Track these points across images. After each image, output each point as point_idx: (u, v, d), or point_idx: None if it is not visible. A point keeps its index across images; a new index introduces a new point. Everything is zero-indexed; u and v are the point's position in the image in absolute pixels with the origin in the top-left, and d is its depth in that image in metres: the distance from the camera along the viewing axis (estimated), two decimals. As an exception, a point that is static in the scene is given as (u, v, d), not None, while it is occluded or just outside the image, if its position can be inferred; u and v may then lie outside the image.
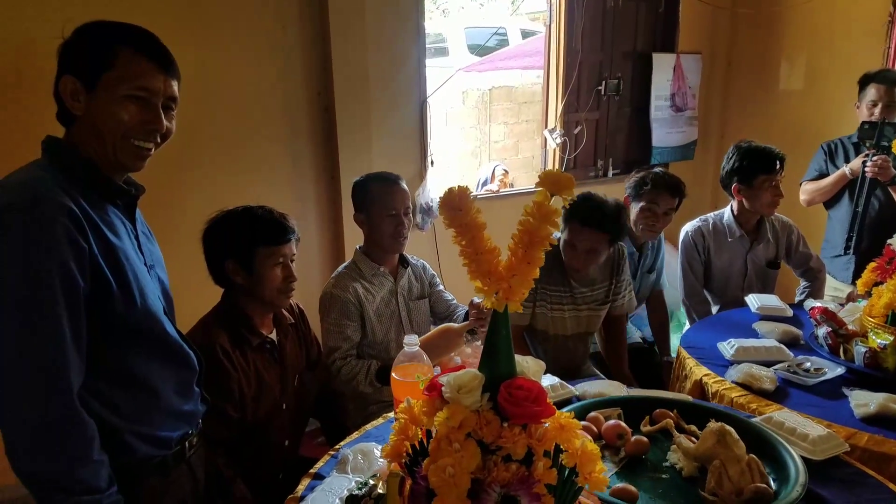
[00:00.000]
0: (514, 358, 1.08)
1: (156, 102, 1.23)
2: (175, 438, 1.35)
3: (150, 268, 1.33)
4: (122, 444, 1.24)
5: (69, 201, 1.13)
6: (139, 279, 1.24)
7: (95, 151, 1.21)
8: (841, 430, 1.60)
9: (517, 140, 6.05)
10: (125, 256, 1.22)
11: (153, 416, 1.29)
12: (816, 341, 2.05)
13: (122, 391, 1.24)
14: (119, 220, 1.26)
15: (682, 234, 2.83)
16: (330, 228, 3.15)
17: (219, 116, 2.72)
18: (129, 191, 1.29)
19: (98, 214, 1.19)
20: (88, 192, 1.20)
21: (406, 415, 1.12)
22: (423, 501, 1.01)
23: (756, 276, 2.77)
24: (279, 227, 1.81)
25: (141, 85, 1.21)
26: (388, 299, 2.26)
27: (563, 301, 2.37)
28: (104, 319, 1.19)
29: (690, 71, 4.46)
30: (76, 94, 1.19)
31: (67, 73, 1.18)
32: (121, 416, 1.23)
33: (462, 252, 1.05)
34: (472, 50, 6.49)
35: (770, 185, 2.62)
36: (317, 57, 2.92)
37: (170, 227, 2.48)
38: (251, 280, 1.79)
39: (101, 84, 1.18)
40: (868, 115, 2.79)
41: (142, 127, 1.22)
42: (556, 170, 1.06)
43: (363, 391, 2.09)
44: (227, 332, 1.77)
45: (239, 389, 1.74)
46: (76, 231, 1.12)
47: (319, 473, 1.46)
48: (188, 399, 1.39)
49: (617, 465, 1.47)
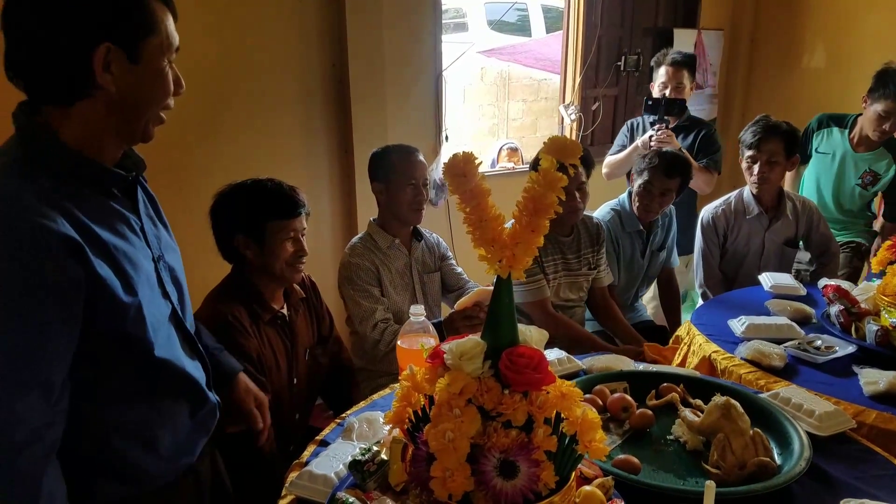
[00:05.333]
0: (516, 326, 1.08)
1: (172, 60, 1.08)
2: (194, 458, 1.25)
3: (159, 259, 1.17)
4: (136, 471, 1.13)
5: (58, 218, 0.95)
6: (144, 286, 1.09)
7: (96, 133, 1.03)
8: (849, 407, 1.59)
9: (535, 118, 6.00)
10: (129, 260, 1.07)
11: (166, 438, 1.17)
12: (828, 319, 2.03)
13: (135, 413, 1.12)
14: (117, 213, 1.09)
15: (701, 218, 2.80)
16: (343, 203, 3.15)
17: (233, 88, 2.72)
18: (126, 176, 1.10)
19: (95, 219, 1.02)
20: (79, 189, 1.02)
21: (409, 381, 1.13)
22: (423, 466, 1.02)
23: (773, 255, 2.74)
24: (290, 201, 1.80)
25: (172, 43, 1.06)
26: (404, 271, 2.28)
27: (557, 269, 2.43)
28: (105, 343, 1.05)
29: (712, 48, 4.39)
30: (110, 65, 0.98)
31: (102, 41, 0.96)
32: (137, 443, 1.13)
33: (466, 219, 1.05)
34: (492, 25, 6.42)
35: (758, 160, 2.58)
36: (331, 28, 2.90)
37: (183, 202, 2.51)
38: (262, 254, 1.78)
39: (146, 52, 1.02)
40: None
41: (177, 90, 1.09)
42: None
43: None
44: (240, 307, 1.77)
45: (258, 355, 1.76)
46: (73, 258, 0.95)
47: (325, 440, 1.47)
48: (201, 408, 1.25)
49: (621, 437, 1.48)
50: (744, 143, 2.62)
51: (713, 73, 4.44)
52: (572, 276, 2.47)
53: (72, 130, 1.01)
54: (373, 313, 2.14)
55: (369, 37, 2.94)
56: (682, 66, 3.09)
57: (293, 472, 1.32)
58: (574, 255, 2.47)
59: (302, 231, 1.84)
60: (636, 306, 2.92)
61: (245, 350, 1.71)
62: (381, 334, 2.12)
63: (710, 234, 2.75)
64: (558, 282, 2.44)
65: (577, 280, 2.49)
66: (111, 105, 1.02)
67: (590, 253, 2.50)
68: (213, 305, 1.78)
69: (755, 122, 2.63)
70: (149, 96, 1.05)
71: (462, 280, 2.42)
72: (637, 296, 2.90)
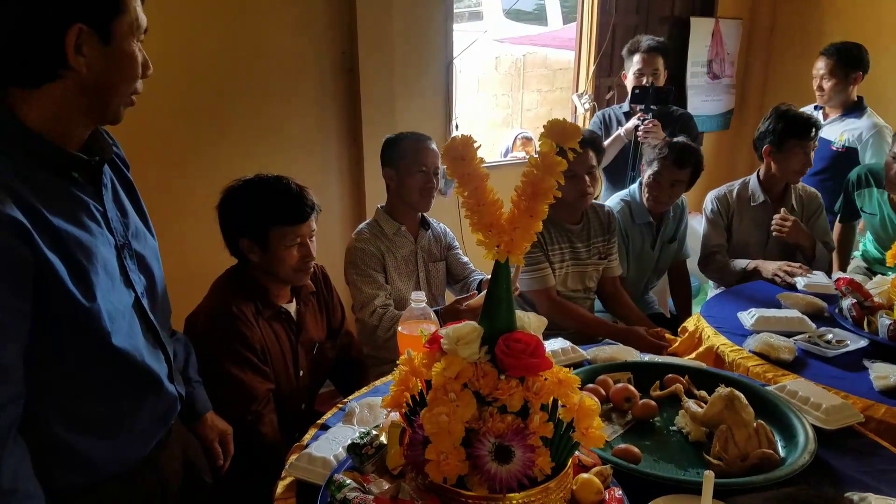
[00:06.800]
0: (514, 312, 1.07)
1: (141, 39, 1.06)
2: (147, 452, 1.20)
3: (124, 247, 1.14)
4: (85, 465, 1.10)
5: (6, 200, 0.92)
6: (98, 275, 1.05)
7: (62, 115, 1.01)
8: (858, 401, 1.56)
9: (550, 108, 5.96)
10: (82, 248, 1.03)
11: (121, 432, 1.14)
12: (841, 313, 2.00)
13: (86, 408, 1.09)
14: (76, 199, 1.05)
15: (706, 202, 2.79)
16: (351, 191, 3.15)
17: (242, 76, 2.72)
18: (88, 160, 1.07)
19: (48, 204, 0.99)
20: (35, 171, 0.99)
21: (406, 366, 1.12)
22: (419, 449, 1.02)
23: (777, 246, 2.69)
24: (296, 206, 1.71)
25: (140, 24, 1.03)
26: (409, 259, 2.28)
27: (564, 258, 2.39)
28: (58, 330, 1.02)
29: (729, 37, 4.33)
30: (82, 47, 0.96)
31: (74, 22, 0.94)
32: (86, 432, 1.09)
33: (464, 203, 1.04)
34: (507, 14, 6.36)
35: (801, 151, 2.56)
36: (341, 15, 2.89)
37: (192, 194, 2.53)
38: (266, 258, 1.73)
39: (117, 32, 0.99)
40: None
41: (144, 72, 1.06)
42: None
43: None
44: (244, 301, 1.74)
45: (262, 346, 1.75)
46: (18, 239, 0.93)
47: (326, 424, 1.48)
48: (160, 402, 1.21)
49: (623, 427, 1.46)
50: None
51: (731, 63, 4.37)
52: (580, 266, 2.43)
53: (35, 112, 0.99)
54: (373, 299, 2.13)
55: (379, 24, 2.92)
56: (657, 52, 3.04)
57: (293, 455, 1.33)
58: (583, 243, 2.42)
59: (310, 234, 1.76)
60: (646, 298, 2.89)
61: (249, 341, 1.70)
62: (380, 320, 2.11)
63: (716, 216, 2.73)
64: (565, 271, 2.40)
65: (586, 270, 2.44)
66: (81, 87, 1.00)
67: (600, 242, 2.46)
68: (218, 296, 1.77)
69: (771, 115, 2.61)
70: (119, 78, 1.03)
71: (467, 270, 2.41)
72: (647, 288, 2.87)
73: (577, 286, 2.44)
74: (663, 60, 3.09)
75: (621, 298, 2.53)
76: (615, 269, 2.53)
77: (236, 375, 1.67)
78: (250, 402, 1.69)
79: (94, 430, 1.10)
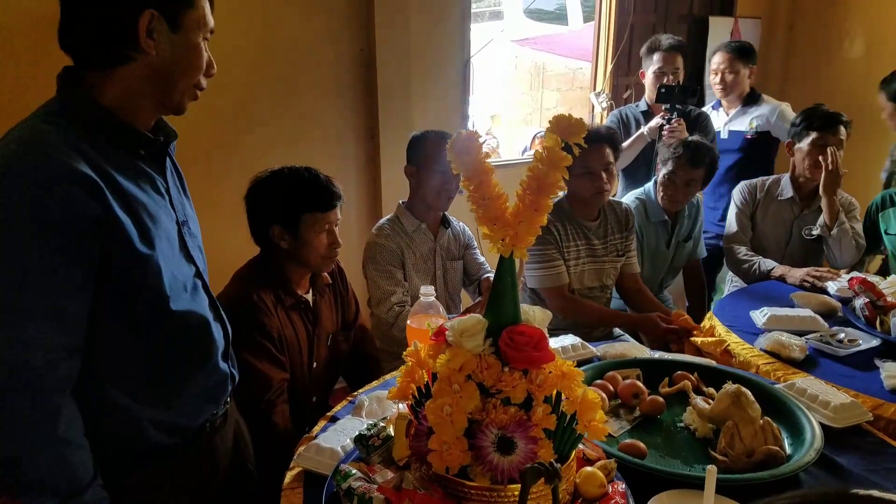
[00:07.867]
0: (518, 305, 1.09)
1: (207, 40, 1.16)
2: (196, 426, 1.23)
3: (184, 223, 1.21)
4: (134, 430, 1.14)
5: (79, 160, 1.00)
6: (162, 240, 1.12)
7: (133, 97, 1.09)
8: (868, 400, 1.56)
9: (570, 107, 5.94)
10: (148, 213, 1.10)
11: (171, 399, 1.18)
12: (853, 312, 1.98)
13: (139, 371, 1.14)
14: (143, 172, 1.13)
15: (734, 191, 2.80)
16: (368, 187, 3.17)
17: (262, 73, 2.74)
18: (155, 140, 1.15)
19: (118, 170, 1.06)
20: (107, 144, 1.07)
21: (413, 358, 1.14)
22: (423, 440, 1.04)
23: (798, 247, 2.67)
24: (327, 194, 1.77)
25: (207, 23, 1.13)
26: (427, 256, 2.29)
27: (580, 255, 2.37)
28: (119, 290, 1.07)
29: (749, 36, 4.28)
30: (153, 32, 1.05)
31: (147, 8, 1.04)
32: (137, 400, 1.13)
33: (470, 197, 1.06)
34: (528, 13, 6.34)
35: (816, 146, 2.53)
36: (359, 13, 2.91)
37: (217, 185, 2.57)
38: (296, 245, 1.77)
39: (186, 23, 1.09)
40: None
41: (208, 70, 1.16)
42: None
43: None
44: (266, 290, 1.77)
45: (279, 335, 1.77)
46: (89, 195, 0.99)
47: (335, 416, 1.50)
48: (212, 375, 1.25)
49: (630, 423, 1.47)
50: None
51: (750, 63, 4.34)
52: (597, 264, 2.41)
53: (111, 92, 1.08)
54: (389, 296, 2.15)
55: (397, 22, 2.94)
56: (678, 51, 3.03)
57: (302, 446, 1.35)
58: (600, 240, 2.40)
59: (336, 222, 1.82)
60: (661, 297, 2.88)
61: (266, 329, 1.73)
62: (396, 318, 2.13)
63: (744, 204, 2.74)
64: (581, 269, 2.40)
65: (603, 267, 2.42)
66: (150, 71, 1.08)
67: (617, 239, 2.44)
68: (239, 285, 1.80)
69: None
70: (184, 66, 1.11)
71: (482, 270, 2.41)
72: (662, 287, 2.86)
73: (593, 283, 2.42)
74: (682, 59, 3.07)
75: (644, 293, 2.51)
76: (634, 265, 2.50)
77: (252, 363, 1.69)
78: (264, 390, 1.71)
79: (145, 396, 1.14)
